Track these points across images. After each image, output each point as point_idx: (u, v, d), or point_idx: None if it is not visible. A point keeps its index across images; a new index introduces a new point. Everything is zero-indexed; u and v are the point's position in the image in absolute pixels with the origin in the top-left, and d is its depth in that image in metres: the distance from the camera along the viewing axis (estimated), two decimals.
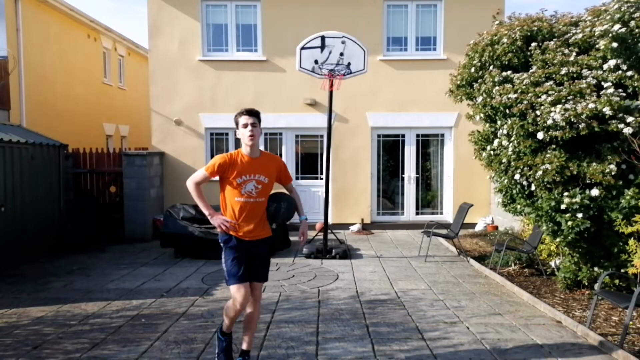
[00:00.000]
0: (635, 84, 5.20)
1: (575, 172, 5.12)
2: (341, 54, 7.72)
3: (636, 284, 4.90)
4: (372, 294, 5.93)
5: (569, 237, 5.18)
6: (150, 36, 10.59)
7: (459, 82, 6.92)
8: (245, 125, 3.46)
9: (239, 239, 3.54)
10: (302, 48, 7.80)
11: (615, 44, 5.27)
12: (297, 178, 10.88)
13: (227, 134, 10.85)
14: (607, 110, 5.00)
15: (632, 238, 4.86)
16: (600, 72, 5.43)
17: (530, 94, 5.49)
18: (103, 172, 9.98)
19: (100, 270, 7.27)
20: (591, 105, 5.04)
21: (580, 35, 5.78)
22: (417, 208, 11.11)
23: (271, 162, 3.61)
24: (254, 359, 4.00)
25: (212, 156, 10.91)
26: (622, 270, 5.06)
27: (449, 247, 8.77)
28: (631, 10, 5.25)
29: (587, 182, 5.14)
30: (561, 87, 5.41)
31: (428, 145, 11.02)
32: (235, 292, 3.49)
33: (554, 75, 5.61)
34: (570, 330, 4.61)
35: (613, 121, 5.00)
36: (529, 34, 6.14)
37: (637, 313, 4.92)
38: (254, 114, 3.53)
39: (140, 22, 48.44)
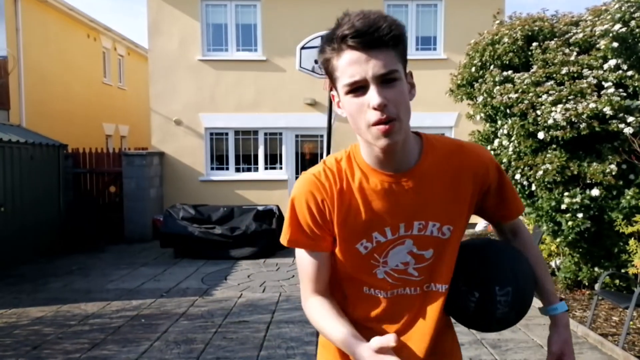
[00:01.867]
0: (636, 84, 5.20)
1: (575, 172, 5.12)
2: None
3: (636, 284, 4.90)
4: None
5: (570, 237, 5.18)
6: (149, 36, 10.57)
7: (459, 82, 6.92)
8: (355, 85, 1.11)
9: None
10: (302, 48, 7.76)
11: (615, 44, 5.26)
12: (297, 178, 10.86)
13: (226, 134, 10.83)
14: (607, 110, 4.99)
15: (633, 238, 4.86)
16: (600, 72, 5.42)
17: (531, 94, 5.49)
18: (103, 172, 9.97)
19: (100, 270, 7.26)
20: (592, 105, 5.03)
21: (580, 35, 5.78)
22: None
23: (457, 172, 1.25)
24: (253, 359, 3.99)
25: (212, 157, 10.87)
26: (623, 270, 5.05)
27: None
28: (632, 10, 5.24)
29: (588, 182, 5.14)
30: (562, 86, 5.41)
31: None
32: None
33: (554, 75, 5.60)
34: (570, 331, 4.60)
35: (613, 121, 5.00)
36: (529, 33, 6.14)
37: (637, 313, 4.92)
38: (382, 40, 1.09)
39: (139, 22, 48.45)
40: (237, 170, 10.83)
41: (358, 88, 1.11)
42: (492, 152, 6.27)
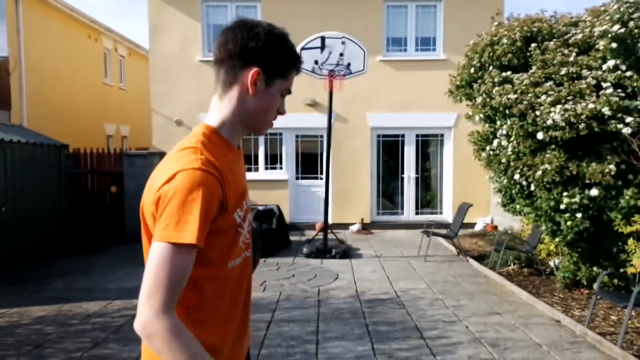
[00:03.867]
0: (634, 84, 5.22)
1: (574, 172, 5.13)
2: (341, 55, 7.74)
3: (635, 283, 4.92)
4: (371, 293, 5.94)
5: (568, 237, 5.19)
6: (150, 36, 10.60)
7: (458, 83, 6.94)
8: (287, 93, 1.54)
9: None
10: (302, 48, 7.81)
11: (614, 45, 5.28)
12: (297, 178, 10.91)
13: None
14: (606, 111, 5.01)
15: (631, 238, 4.87)
16: (599, 72, 5.44)
17: (530, 95, 5.50)
18: (104, 172, 9.99)
19: (101, 270, 7.28)
20: (591, 106, 5.05)
21: (580, 36, 5.79)
22: (416, 208, 11.12)
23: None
24: (254, 357, 4.01)
25: None
26: (621, 270, 5.07)
27: (449, 246, 8.78)
28: (630, 11, 5.26)
29: (587, 182, 5.15)
30: (561, 87, 5.43)
31: (428, 145, 11.04)
32: None
33: (553, 76, 5.62)
34: (569, 330, 4.62)
35: (612, 121, 5.01)
36: (528, 34, 6.15)
37: (635, 312, 4.93)
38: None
39: (140, 23, 48.46)
40: None
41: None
42: (491, 152, 6.29)
